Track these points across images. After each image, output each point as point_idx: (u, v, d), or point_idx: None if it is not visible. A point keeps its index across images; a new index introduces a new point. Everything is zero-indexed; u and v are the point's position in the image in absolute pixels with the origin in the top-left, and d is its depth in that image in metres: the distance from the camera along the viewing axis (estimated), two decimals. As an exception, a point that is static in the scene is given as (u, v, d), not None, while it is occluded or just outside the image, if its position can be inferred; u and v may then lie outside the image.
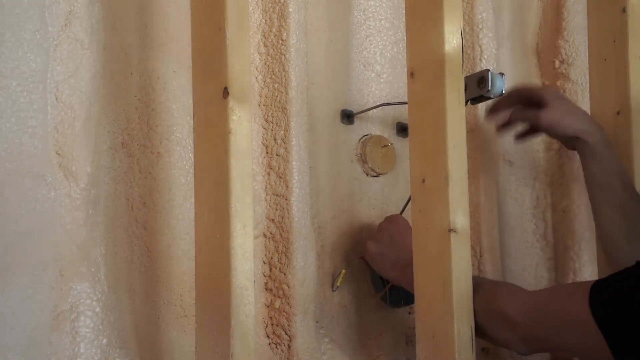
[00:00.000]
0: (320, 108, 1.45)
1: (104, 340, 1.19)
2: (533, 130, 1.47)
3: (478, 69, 1.64)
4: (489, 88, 1.31)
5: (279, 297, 1.35)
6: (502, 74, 1.34)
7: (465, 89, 1.23)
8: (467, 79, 1.25)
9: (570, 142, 1.42)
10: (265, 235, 1.37)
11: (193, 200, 1.14)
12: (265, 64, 1.38)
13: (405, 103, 1.32)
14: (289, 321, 1.35)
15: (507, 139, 1.68)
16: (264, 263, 1.37)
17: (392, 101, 1.52)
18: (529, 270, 1.71)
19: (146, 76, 1.27)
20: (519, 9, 1.76)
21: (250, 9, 1.35)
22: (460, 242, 1.19)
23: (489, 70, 1.33)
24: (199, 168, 1.12)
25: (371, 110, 1.50)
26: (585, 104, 1.67)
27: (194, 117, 1.13)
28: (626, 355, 1.00)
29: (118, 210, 1.24)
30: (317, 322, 1.40)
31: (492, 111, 1.45)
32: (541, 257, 1.73)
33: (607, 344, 1.01)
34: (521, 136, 1.51)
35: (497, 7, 1.70)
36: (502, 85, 1.34)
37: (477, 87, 1.32)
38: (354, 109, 1.49)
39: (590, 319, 1.03)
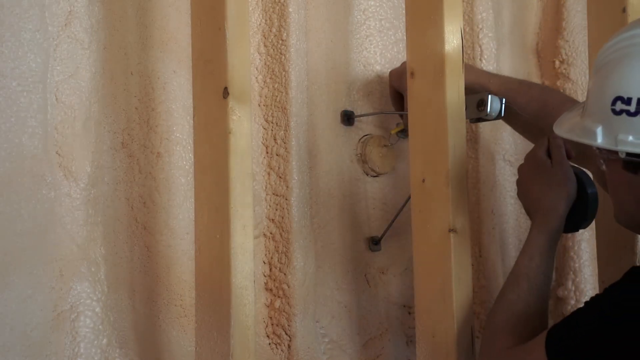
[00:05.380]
0: (320, 108, 1.45)
1: (104, 340, 1.19)
2: None
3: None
4: (488, 111, 1.33)
5: (279, 297, 1.35)
6: (501, 97, 1.35)
7: (465, 108, 1.24)
8: (467, 99, 1.26)
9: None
10: (265, 235, 1.37)
11: (193, 200, 1.14)
12: (265, 64, 1.38)
13: (404, 113, 1.32)
14: (289, 321, 1.35)
15: (507, 139, 1.69)
16: (264, 263, 1.37)
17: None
18: (529, 270, 1.71)
19: (146, 76, 1.27)
20: (519, 9, 1.76)
21: (250, 9, 1.35)
22: (460, 242, 1.19)
23: (489, 93, 1.34)
24: (199, 168, 1.12)
25: (371, 111, 1.50)
26: (585, 104, 1.67)
27: (194, 117, 1.13)
28: None
29: (118, 210, 1.24)
30: (317, 322, 1.40)
31: None
32: (541, 257, 1.72)
33: None
34: None
35: (497, 7, 1.70)
36: (501, 108, 1.35)
37: (476, 109, 1.34)
38: (354, 109, 1.49)
39: None
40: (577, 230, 1.28)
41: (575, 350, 1.02)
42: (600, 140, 1.03)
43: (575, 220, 1.24)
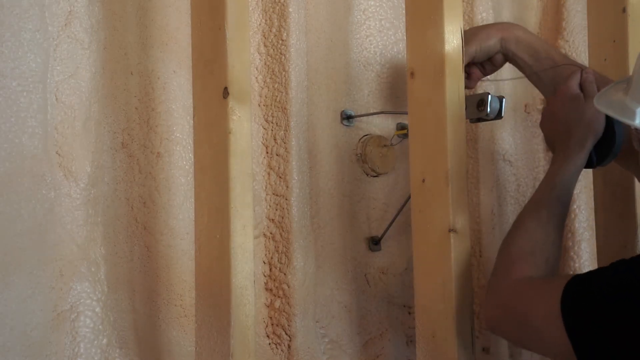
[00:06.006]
0: (320, 108, 1.45)
1: (104, 340, 1.19)
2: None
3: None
4: (488, 112, 1.32)
5: (279, 297, 1.35)
6: (501, 97, 1.35)
7: (465, 108, 1.24)
8: (467, 99, 1.26)
9: (493, 54, 1.38)
10: (265, 235, 1.37)
11: (193, 200, 1.14)
12: (265, 64, 1.38)
13: (404, 113, 1.32)
14: (289, 321, 1.35)
15: (507, 139, 1.69)
16: (264, 263, 1.37)
17: (392, 102, 1.52)
18: (529, 270, 1.71)
19: (146, 76, 1.27)
20: (519, 9, 1.76)
21: (250, 9, 1.35)
22: (460, 242, 1.19)
23: (488, 93, 1.33)
24: (199, 168, 1.12)
25: (371, 111, 1.50)
26: (585, 104, 1.67)
27: (194, 117, 1.13)
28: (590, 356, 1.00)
29: (118, 210, 1.24)
30: (317, 322, 1.40)
31: None
32: (541, 257, 1.72)
33: (572, 346, 1.00)
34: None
35: (497, 7, 1.70)
36: (501, 108, 1.34)
37: (477, 109, 1.33)
38: (354, 109, 1.49)
39: (558, 316, 1.02)
40: (595, 167, 1.28)
41: (588, 313, 1.00)
42: (638, 120, 1.02)
43: (598, 156, 1.25)
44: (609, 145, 1.24)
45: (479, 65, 1.39)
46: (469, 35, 1.36)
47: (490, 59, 1.38)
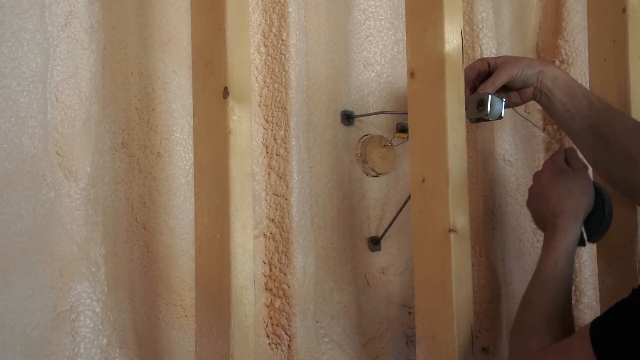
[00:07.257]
0: (320, 108, 1.45)
1: (104, 340, 1.19)
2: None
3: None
4: (488, 112, 1.32)
5: (279, 297, 1.36)
6: (502, 98, 1.35)
7: (465, 108, 1.24)
8: (467, 99, 1.26)
9: (528, 85, 1.37)
10: (265, 235, 1.37)
11: (193, 200, 1.14)
12: (265, 64, 1.38)
13: (404, 113, 1.33)
14: (289, 321, 1.35)
15: (507, 139, 1.69)
16: (264, 263, 1.37)
17: (393, 102, 1.52)
18: (529, 270, 1.71)
19: (146, 76, 1.27)
20: (519, 9, 1.76)
21: (250, 9, 1.35)
22: (460, 242, 1.20)
23: (489, 93, 1.33)
24: (199, 168, 1.12)
25: (371, 111, 1.50)
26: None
27: (194, 117, 1.13)
28: None
29: (118, 210, 1.24)
30: (317, 322, 1.40)
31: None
32: (541, 257, 1.72)
33: None
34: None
35: (497, 7, 1.70)
36: (501, 109, 1.34)
37: (477, 109, 1.33)
38: (354, 109, 1.49)
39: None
40: (585, 245, 1.27)
41: (623, 340, 0.98)
42: None
43: (587, 232, 1.24)
44: (598, 220, 1.24)
45: (502, 93, 1.37)
46: (512, 58, 1.36)
47: (520, 90, 1.37)
